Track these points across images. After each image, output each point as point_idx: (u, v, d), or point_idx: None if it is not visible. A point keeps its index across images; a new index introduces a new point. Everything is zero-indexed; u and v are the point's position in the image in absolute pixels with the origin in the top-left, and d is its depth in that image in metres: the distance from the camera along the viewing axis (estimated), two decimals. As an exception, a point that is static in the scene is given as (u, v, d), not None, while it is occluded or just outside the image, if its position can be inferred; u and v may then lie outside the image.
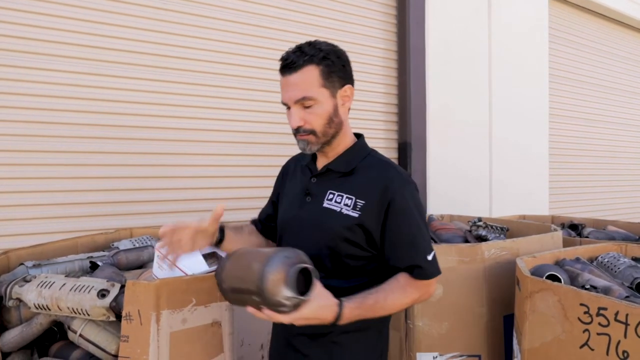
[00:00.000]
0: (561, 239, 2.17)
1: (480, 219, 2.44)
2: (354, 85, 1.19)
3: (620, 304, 1.17)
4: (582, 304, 1.25)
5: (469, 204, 3.63)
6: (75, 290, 1.29)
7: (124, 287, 1.26)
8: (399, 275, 1.11)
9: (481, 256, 1.80)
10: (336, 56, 1.12)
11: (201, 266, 1.41)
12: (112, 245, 1.86)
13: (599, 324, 1.20)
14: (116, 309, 1.27)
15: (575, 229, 2.75)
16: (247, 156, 2.75)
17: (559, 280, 1.54)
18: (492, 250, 1.83)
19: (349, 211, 1.10)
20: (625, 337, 1.14)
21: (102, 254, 1.72)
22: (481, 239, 2.24)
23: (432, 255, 1.13)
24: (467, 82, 3.67)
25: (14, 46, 2.08)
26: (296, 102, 1.09)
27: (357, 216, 1.10)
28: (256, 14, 2.75)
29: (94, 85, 2.26)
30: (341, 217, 1.11)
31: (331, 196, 1.14)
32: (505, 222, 2.53)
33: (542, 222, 2.57)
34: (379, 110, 3.32)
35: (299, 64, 1.08)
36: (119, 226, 2.24)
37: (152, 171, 2.44)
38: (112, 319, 1.28)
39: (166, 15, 2.45)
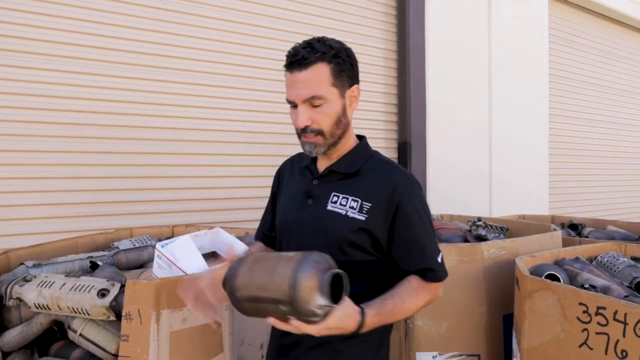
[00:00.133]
0: (561, 239, 2.17)
1: (480, 219, 2.44)
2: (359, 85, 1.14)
3: (619, 303, 1.17)
4: (581, 304, 1.26)
5: (469, 204, 3.63)
6: (75, 289, 1.30)
7: (124, 286, 1.27)
8: (411, 278, 1.07)
9: (481, 256, 1.80)
10: (346, 54, 1.07)
11: (201, 266, 1.41)
12: (112, 245, 1.87)
13: (598, 323, 1.21)
14: (116, 308, 1.27)
15: (575, 229, 2.75)
16: (247, 156, 2.75)
17: (558, 279, 1.54)
18: (492, 250, 1.83)
19: (355, 214, 1.05)
20: (624, 336, 1.14)
21: (102, 253, 1.72)
22: (481, 239, 2.24)
23: (440, 256, 1.09)
24: (467, 82, 3.67)
25: (14, 46, 2.08)
26: (305, 100, 1.03)
27: (363, 219, 1.05)
28: (256, 14, 2.75)
29: (94, 85, 2.26)
30: (347, 220, 1.06)
31: (335, 198, 1.09)
32: (505, 222, 2.53)
33: (542, 222, 2.57)
34: (379, 110, 3.33)
35: (310, 60, 1.01)
36: (118, 226, 2.24)
37: (152, 171, 2.44)
38: (112, 318, 1.29)
39: (166, 15, 2.46)
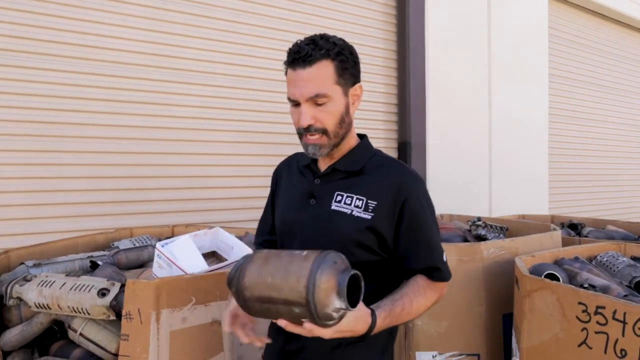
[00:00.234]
0: (560, 239, 2.17)
1: (479, 219, 2.44)
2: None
3: (618, 303, 1.17)
4: (580, 303, 1.26)
5: (469, 204, 3.63)
6: (75, 289, 1.30)
7: (124, 286, 1.27)
8: (417, 278, 1.05)
9: (480, 255, 1.80)
10: (349, 52, 1.05)
11: (201, 265, 1.42)
12: (112, 244, 1.87)
13: (597, 322, 1.21)
14: (116, 307, 1.27)
15: (574, 229, 2.75)
16: (247, 156, 2.75)
17: (558, 279, 1.54)
18: (491, 249, 1.84)
19: (361, 213, 1.02)
20: (623, 335, 1.15)
21: (102, 253, 1.73)
22: (481, 239, 2.24)
23: (445, 256, 1.08)
24: (467, 82, 3.67)
25: (14, 46, 2.08)
26: (309, 98, 0.99)
27: (369, 218, 1.02)
28: (256, 14, 2.75)
29: (94, 85, 2.27)
30: (352, 219, 1.02)
31: (339, 198, 1.05)
32: (504, 222, 2.53)
33: (542, 222, 2.57)
34: (379, 110, 3.33)
35: (315, 57, 0.98)
36: (119, 226, 2.25)
37: (152, 171, 2.44)
38: (112, 317, 1.29)
39: (166, 15, 2.46)
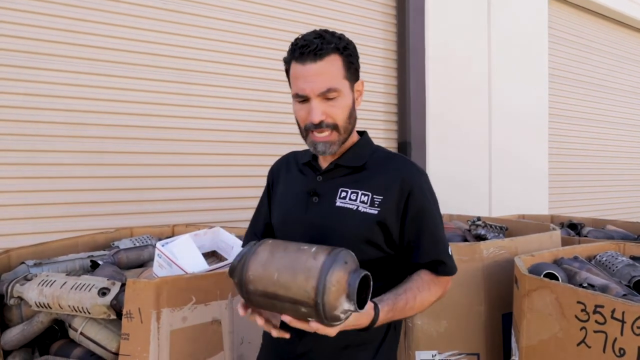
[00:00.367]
0: (560, 238, 2.17)
1: (479, 218, 2.44)
2: None
3: (616, 302, 1.18)
4: (579, 302, 1.26)
5: (469, 203, 3.63)
6: (76, 288, 1.30)
7: (124, 285, 1.27)
8: (421, 272, 1.04)
9: (480, 255, 1.81)
10: (353, 47, 1.04)
11: (201, 265, 1.42)
12: (113, 244, 1.87)
13: (596, 321, 1.21)
14: (117, 307, 1.28)
15: (574, 229, 2.75)
16: (248, 156, 2.76)
17: (557, 278, 1.54)
18: (491, 249, 1.84)
19: (367, 208, 1.00)
20: (621, 334, 1.15)
21: (102, 253, 1.73)
22: (480, 238, 2.24)
23: (450, 249, 1.06)
24: (467, 82, 3.68)
25: (14, 46, 2.09)
26: (320, 94, 0.96)
27: (376, 213, 0.99)
28: (256, 14, 2.76)
29: (94, 85, 2.27)
30: (359, 215, 1.00)
31: (344, 194, 1.03)
32: (504, 222, 2.54)
33: (541, 222, 2.57)
34: (379, 110, 3.34)
35: (326, 51, 0.96)
36: (119, 225, 2.25)
37: (152, 171, 2.45)
38: (113, 317, 1.29)
39: (166, 15, 2.46)
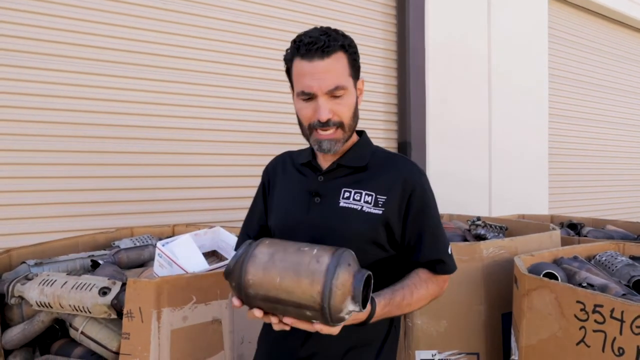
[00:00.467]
0: (559, 238, 2.17)
1: (479, 218, 2.44)
2: None
3: (615, 301, 1.18)
4: (578, 302, 1.27)
5: (469, 204, 3.64)
6: (76, 288, 1.31)
7: (125, 285, 1.28)
8: (419, 270, 1.04)
9: (480, 255, 1.81)
10: (355, 45, 1.03)
11: (201, 264, 1.43)
12: (113, 244, 1.88)
13: (595, 321, 1.21)
14: (117, 306, 1.28)
15: (574, 228, 2.75)
16: (248, 156, 2.76)
17: (557, 278, 1.55)
18: (491, 249, 1.84)
19: (371, 208, 1.00)
20: (620, 334, 1.15)
21: (103, 252, 1.73)
22: (480, 238, 2.24)
23: (450, 248, 1.07)
24: (467, 82, 3.68)
25: (14, 46, 2.09)
26: (328, 91, 0.95)
27: (380, 213, 0.99)
28: (256, 14, 2.76)
29: (95, 85, 2.27)
30: (364, 215, 1.00)
31: (347, 194, 1.02)
32: (504, 222, 2.54)
33: (541, 222, 2.57)
34: (379, 110, 3.34)
35: (333, 48, 0.95)
36: (119, 225, 2.26)
37: (152, 171, 2.45)
38: (114, 316, 1.30)
39: (166, 15, 2.47)
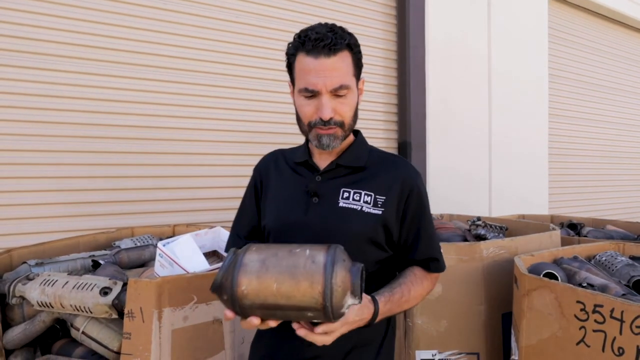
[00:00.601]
0: (559, 238, 2.17)
1: (479, 218, 2.44)
2: None
3: (615, 301, 1.18)
4: (578, 302, 1.27)
5: (469, 204, 3.64)
6: (77, 288, 1.31)
7: (126, 285, 1.28)
8: (414, 268, 1.07)
9: (480, 255, 1.81)
10: (359, 44, 1.02)
11: (202, 264, 1.43)
12: (114, 244, 1.88)
13: (595, 321, 1.22)
14: (118, 306, 1.28)
15: (574, 229, 2.75)
16: (248, 156, 2.76)
17: (557, 278, 1.55)
18: (491, 249, 1.84)
19: (371, 209, 1.00)
20: (620, 333, 1.16)
21: (103, 252, 1.73)
22: (480, 238, 2.25)
23: (441, 248, 1.11)
24: (467, 82, 3.68)
25: (14, 46, 2.09)
26: (332, 90, 0.95)
27: (380, 213, 1.00)
28: (256, 14, 2.76)
29: (96, 85, 2.28)
30: (363, 216, 1.00)
31: (346, 194, 1.02)
32: (504, 222, 2.54)
33: (541, 222, 2.58)
34: (379, 110, 3.34)
35: (340, 46, 0.94)
36: (120, 225, 2.26)
37: (153, 171, 2.45)
38: (115, 316, 1.30)
39: (166, 15, 2.47)
